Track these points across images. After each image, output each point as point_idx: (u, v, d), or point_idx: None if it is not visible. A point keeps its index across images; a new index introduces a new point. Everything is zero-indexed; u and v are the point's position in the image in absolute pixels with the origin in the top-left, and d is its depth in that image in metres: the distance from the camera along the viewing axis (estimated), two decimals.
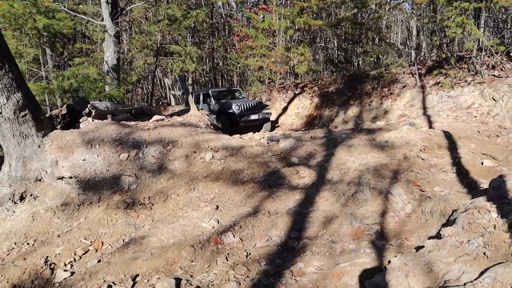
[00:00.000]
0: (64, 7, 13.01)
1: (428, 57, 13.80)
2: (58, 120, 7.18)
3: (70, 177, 5.62)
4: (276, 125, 15.83)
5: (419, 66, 12.51)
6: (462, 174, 5.38)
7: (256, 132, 12.19)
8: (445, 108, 10.52)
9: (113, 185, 5.69)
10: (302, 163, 6.40)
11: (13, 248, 4.75)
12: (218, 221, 4.74)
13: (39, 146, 5.92)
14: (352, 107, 13.50)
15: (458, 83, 10.88)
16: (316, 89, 15.84)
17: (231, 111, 13.53)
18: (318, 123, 14.38)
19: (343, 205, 4.97)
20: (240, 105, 13.59)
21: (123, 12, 14.11)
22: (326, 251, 4.07)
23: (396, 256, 3.44)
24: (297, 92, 16.61)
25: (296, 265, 3.84)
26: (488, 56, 10.70)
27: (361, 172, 5.52)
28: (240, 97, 15.55)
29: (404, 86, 12.34)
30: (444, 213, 4.23)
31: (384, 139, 6.62)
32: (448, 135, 6.81)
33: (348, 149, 6.47)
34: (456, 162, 5.77)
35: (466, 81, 10.70)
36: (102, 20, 13.23)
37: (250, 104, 13.89)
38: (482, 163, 5.78)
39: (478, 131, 8.35)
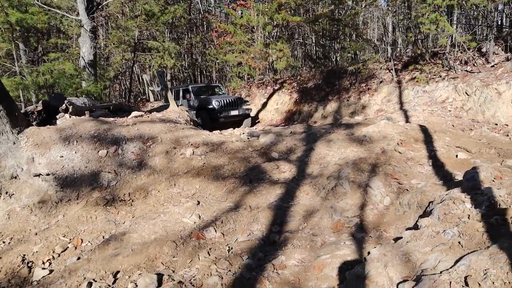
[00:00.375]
0: (38, 0, 12.69)
1: (403, 53, 14.02)
2: (34, 116, 7.05)
3: (47, 174, 5.53)
4: (256, 121, 15.84)
5: (395, 62, 12.71)
6: (438, 167, 5.50)
7: (236, 128, 12.20)
8: (421, 103, 10.72)
9: (92, 181, 5.62)
10: (283, 158, 6.44)
11: None
12: (200, 216, 4.74)
13: (14, 143, 5.80)
14: (330, 103, 13.63)
15: (433, 78, 11.10)
16: (295, 85, 15.93)
17: (211, 106, 13.46)
18: (298, 118, 14.46)
19: (323, 199, 5.03)
20: (220, 100, 13.54)
21: (99, 6, 13.90)
22: (307, 244, 4.11)
23: (375, 248, 3.50)
24: (276, 88, 16.66)
25: (277, 258, 3.86)
26: (461, 52, 10.95)
27: (341, 166, 5.59)
28: (220, 93, 15.50)
29: (381, 82, 12.52)
30: (421, 204, 4.33)
31: (362, 133, 6.71)
32: (424, 129, 6.95)
33: (328, 144, 6.54)
34: (432, 155, 5.90)
35: (440, 76, 10.93)
36: (78, 14, 13.01)
37: (230, 100, 13.84)
38: (456, 156, 5.93)
39: (453, 125, 8.55)
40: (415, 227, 3.79)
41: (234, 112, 13.74)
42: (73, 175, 5.62)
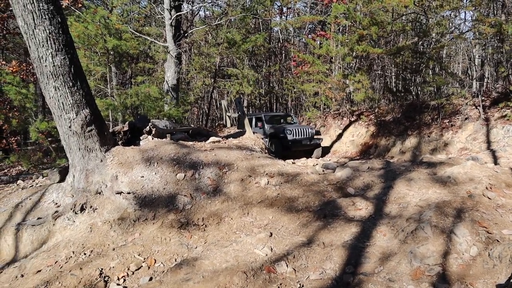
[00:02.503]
0: (131, 28, 13.70)
1: (492, 88, 13.16)
2: (120, 136, 7.45)
3: (128, 193, 5.78)
4: (329, 152, 15.71)
5: (483, 98, 11.96)
6: None
7: (309, 158, 12.11)
8: (511, 143, 9.94)
9: (169, 203, 5.78)
10: (359, 194, 6.21)
11: (71, 256, 4.92)
12: (272, 248, 4.66)
13: (101, 161, 6.16)
14: (410, 138, 13.08)
15: None
16: (373, 117, 15.54)
17: (283, 135, 13.75)
18: (374, 152, 14.04)
19: (401, 242, 4.74)
20: (293, 129, 13.81)
21: (185, 34, 14.63)
22: None
23: None
24: (352, 119, 16.38)
25: None
26: None
27: (422, 208, 5.27)
28: (292, 122, 15.80)
29: (466, 118, 11.83)
30: None
31: (446, 174, 6.31)
32: None
33: (408, 183, 6.22)
34: None
35: None
36: (165, 41, 13.79)
37: (302, 129, 14.08)
38: None
39: None
40: (508, 284, 3.43)
41: (305, 142, 13.92)
42: (151, 195, 5.83)
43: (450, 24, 16.29)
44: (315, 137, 14.43)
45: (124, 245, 5.11)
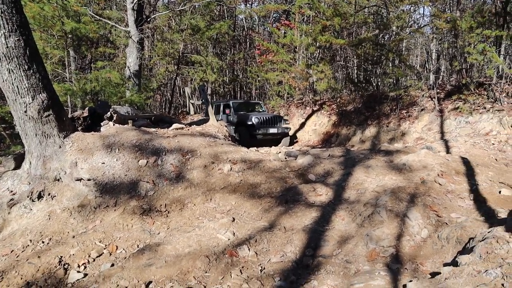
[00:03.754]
0: (90, 11, 13.28)
1: (447, 81, 13.71)
2: (80, 122, 7.29)
3: (89, 179, 5.69)
4: (295, 141, 15.82)
5: (438, 90, 12.44)
6: (479, 202, 5.30)
7: (274, 146, 12.19)
8: (462, 134, 10.42)
9: (131, 190, 5.74)
10: (320, 181, 6.38)
11: (28, 245, 4.80)
12: (234, 233, 4.74)
13: (60, 147, 6.02)
14: (369, 127, 13.45)
15: (476, 109, 10.79)
16: (335, 107, 15.85)
17: (250, 123, 13.55)
18: (335, 141, 14.34)
19: (359, 226, 4.93)
20: (260, 117, 13.63)
21: (148, 19, 14.35)
22: (340, 270, 4.03)
23: (411, 281, 3.40)
24: (315, 108, 16.63)
25: (310, 283, 3.80)
26: (508, 84, 10.61)
27: (378, 194, 5.48)
28: (260, 110, 15.63)
29: (422, 109, 12.27)
30: (461, 240, 4.18)
31: (402, 161, 6.58)
32: (465, 161, 6.74)
33: (366, 170, 6.44)
34: (474, 189, 5.70)
35: (485, 108, 10.61)
36: (127, 26, 13.49)
37: (269, 117, 13.91)
38: (499, 192, 5.68)
39: (496, 159, 8.23)
40: (454, 263, 3.65)
41: (273, 130, 13.77)
42: (112, 182, 5.77)
43: (410, 18, 16.75)
44: (283, 126, 14.32)
45: (85, 232, 5.05)
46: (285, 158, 7.83)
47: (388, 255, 4.33)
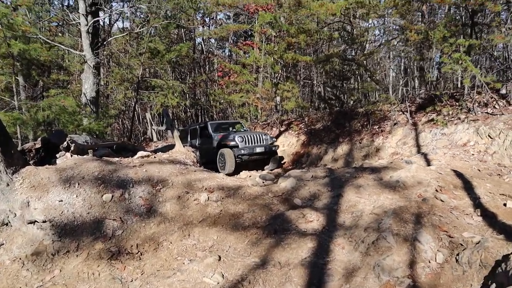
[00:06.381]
0: (42, 35, 12.28)
1: (417, 94, 13.58)
2: (31, 154, 6.42)
3: (44, 221, 4.83)
4: (283, 162, 14.58)
5: (409, 104, 12.26)
6: (489, 217, 4.86)
7: (244, 171, 11.32)
8: (440, 146, 10.16)
9: (95, 230, 4.92)
10: (307, 205, 5.77)
11: None
12: (223, 275, 4.04)
13: (8, 185, 5.13)
14: (341, 145, 13.05)
15: (451, 120, 10.61)
16: (302, 126, 15.43)
17: (233, 143, 12.11)
18: (306, 161, 13.84)
19: (363, 254, 4.34)
20: (244, 136, 12.29)
21: (104, 42, 13.54)
22: None
23: None
24: (282, 129, 16.15)
25: None
26: (479, 94, 10.54)
27: (378, 216, 4.94)
28: (242, 129, 14.17)
29: (395, 124, 12.02)
30: (486, 264, 3.69)
31: (394, 178, 6.10)
32: (459, 174, 6.38)
33: (357, 190, 5.90)
34: (477, 203, 5.28)
35: (459, 119, 10.44)
36: (81, 50, 12.61)
37: (254, 136, 12.56)
38: (505, 205, 5.29)
39: (479, 170, 7.95)
40: None
41: (259, 149, 12.34)
42: (73, 222, 4.93)
43: (378, 32, 16.67)
44: (270, 144, 12.89)
45: (41, 286, 4.20)
46: (263, 182, 7.23)
47: None
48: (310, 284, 3.93)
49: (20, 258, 4.58)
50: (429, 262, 4.08)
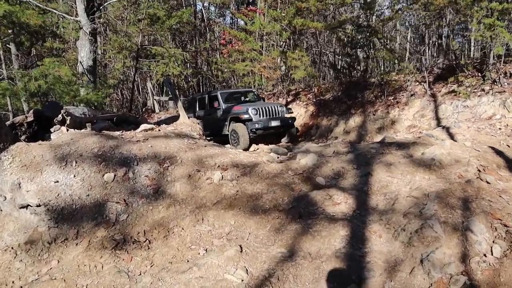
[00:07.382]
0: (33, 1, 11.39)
1: (435, 64, 12.72)
2: (23, 129, 5.80)
3: (38, 205, 4.24)
4: (297, 133, 13.53)
5: (427, 74, 11.52)
6: None
7: (261, 144, 10.39)
8: (462, 119, 9.55)
9: (96, 215, 4.35)
10: (332, 185, 5.18)
11: None
12: (247, 270, 3.48)
13: None
14: (353, 116, 12.40)
15: (474, 92, 9.95)
16: (311, 96, 14.72)
17: (247, 116, 11.22)
18: (315, 133, 13.23)
19: (405, 245, 3.77)
20: (258, 108, 11.38)
21: (100, 7, 12.66)
22: None
23: None
24: (289, 99, 15.44)
25: None
26: (506, 63, 9.83)
27: (418, 199, 4.35)
28: (255, 99, 13.18)
29: (412, 95, 11.34)
30: None
31: (427, 156, 5.47)
32: (499, 152, 5.77)
33: (387, 168, 5.30)
34: None
35: (483, 90, 9.77)
36: (76, 16, 11.76)
37: (269, 108, 11.66)
38: None
39: (508, 145, 7.38)
40: None
41: (275, 123, 11.49)
42: (71, 206, 4.35)
43: None
44: (286, 116, 11.97)
45: (37, 280, 3.65)
46: (278, 157, 6.62)
47: (461, 287, 3.20)
48: (348, 281, 3.37)
49: (12, 247, 4.03)
50: (485, 256, 3.51)
